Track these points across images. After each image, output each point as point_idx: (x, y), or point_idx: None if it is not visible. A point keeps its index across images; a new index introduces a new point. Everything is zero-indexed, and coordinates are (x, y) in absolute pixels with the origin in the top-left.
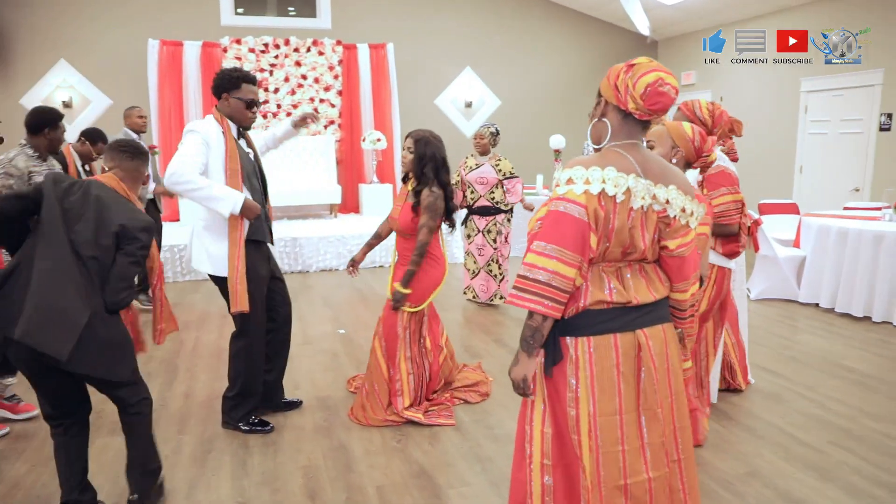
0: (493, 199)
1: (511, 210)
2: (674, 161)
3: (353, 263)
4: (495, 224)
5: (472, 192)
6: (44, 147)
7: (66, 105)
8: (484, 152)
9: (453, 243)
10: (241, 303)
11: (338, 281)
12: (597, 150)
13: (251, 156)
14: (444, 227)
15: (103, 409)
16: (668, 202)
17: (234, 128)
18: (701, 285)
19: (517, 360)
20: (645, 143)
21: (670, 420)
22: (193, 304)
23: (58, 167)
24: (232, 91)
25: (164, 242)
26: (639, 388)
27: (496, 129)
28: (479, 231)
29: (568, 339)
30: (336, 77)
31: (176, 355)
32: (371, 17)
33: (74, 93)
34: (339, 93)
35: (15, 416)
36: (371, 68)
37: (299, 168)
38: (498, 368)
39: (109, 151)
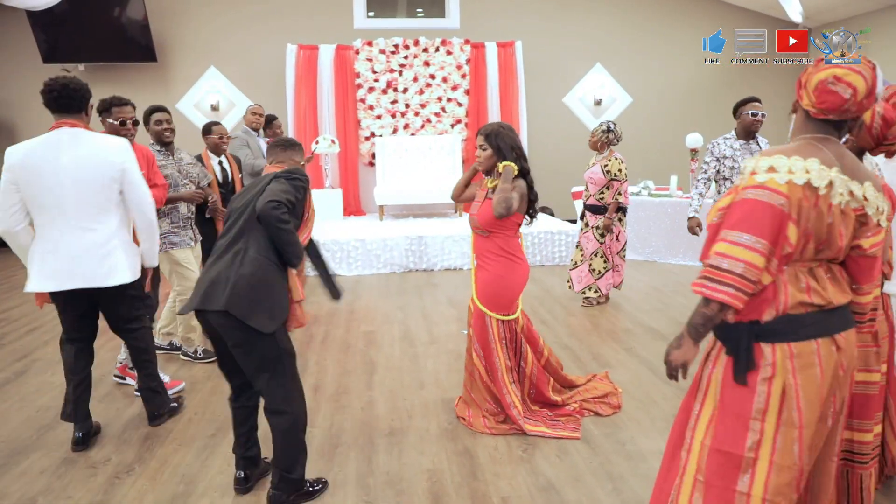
0: (601, 198)
1: (623, 209)
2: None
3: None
4: (610, 223)
5: (587, 190)
6: (155, 138)
7: (214, 108)
8: (595, 150)
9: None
10: None
11: (462, 280)
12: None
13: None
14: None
15: None
16: (865, 199)
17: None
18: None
19: (680, 344)
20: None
21: (840, 424)
22: (322, 299)
23: (187, 160)
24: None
25: None
26: (832, 394)
27: (608, 127)
28: (588, 227)
29: (764, 345)
30: (464, 76)
31: (306, 348)
32: (499, 15)
33: (222, 97)
34: (467, 92)
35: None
36: (499, 67)
37: (426, 167)
38: (629, 379)
39: (273, 149)
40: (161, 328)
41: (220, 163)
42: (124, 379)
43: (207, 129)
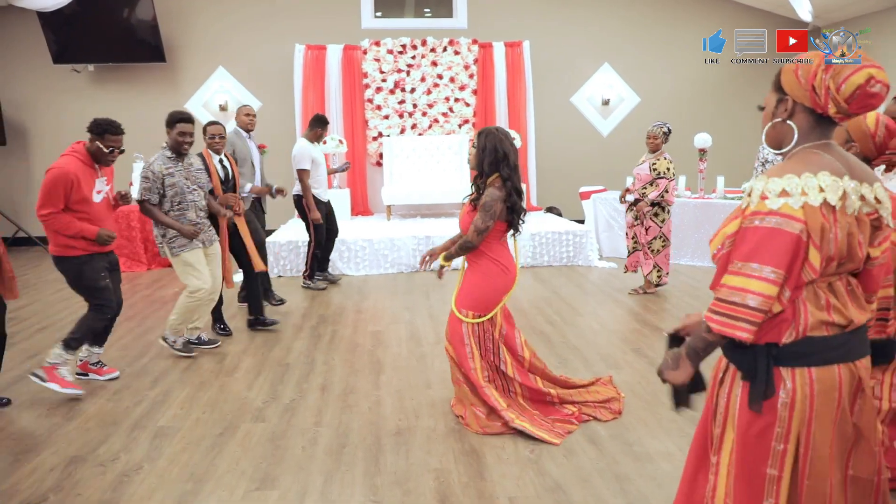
0: (643, 193)
1: (661, 206)
2: None
3: (432, 254)
4: (643, 215)
5: (634, 185)
6: (171, 146)
7: (222, 108)
8: (654, 151)
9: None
10: None
11: None
12: (780, 155)
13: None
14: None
15: (247, 395)
16: (878, 201)
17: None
18: None
19: (678, 366)
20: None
21: (878, 455)
22: (330, 298)
23: (197, 165)
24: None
25: (289, 238)
26: (852, 421)
27: (669, 129)
28: (632, 221)
29: (783, 369)
30: (471, 76)
31: (314, 348)
32: (507, 14)
33: (230, 97)
34: (474, 91)
35: (101, 377)
36: (506, 66)
37: (433, 167)
38: (636, 380)
39: None
40: (174, 323)
41: (221, 161)
42: (87, 375)
43: (202, 130)
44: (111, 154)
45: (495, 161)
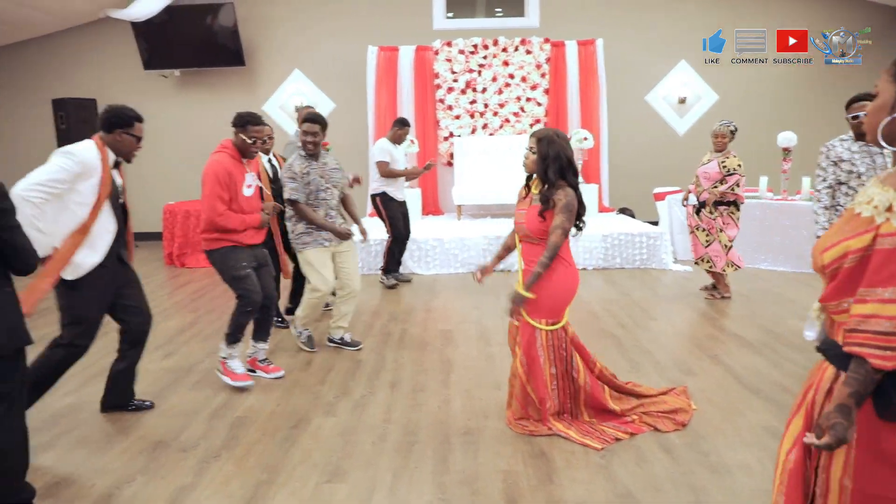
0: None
1: (734, 204)
2: None
3: (483, 271)
4: (719, 214)
5: (699, 186)
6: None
7: (298, 110)
8: (721, 150)
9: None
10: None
11: None
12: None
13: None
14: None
15: (319, 389)
16: None
17: (112, 158)
18: None
19: (851, 418)
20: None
21: None
22: (400, 297)
23: (332, 164)
24: (125, 128)
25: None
26: None
27: (735, 128)
28: (700, 223)
29: None
30: (543, 75)
31: (384, 345)
32: (580, 13)
33: (306, 98)
34: (546, 91)
35: (268, 375)
36: (579, 65)
37: (503, 167)
38: (712, 388)
39: None
40: (301, 317)
41: (269, 160)
42: (255, 371)
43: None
44: (255, 145)
45: (561, 169)
